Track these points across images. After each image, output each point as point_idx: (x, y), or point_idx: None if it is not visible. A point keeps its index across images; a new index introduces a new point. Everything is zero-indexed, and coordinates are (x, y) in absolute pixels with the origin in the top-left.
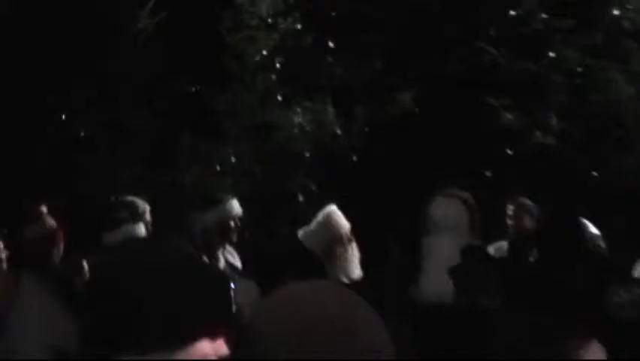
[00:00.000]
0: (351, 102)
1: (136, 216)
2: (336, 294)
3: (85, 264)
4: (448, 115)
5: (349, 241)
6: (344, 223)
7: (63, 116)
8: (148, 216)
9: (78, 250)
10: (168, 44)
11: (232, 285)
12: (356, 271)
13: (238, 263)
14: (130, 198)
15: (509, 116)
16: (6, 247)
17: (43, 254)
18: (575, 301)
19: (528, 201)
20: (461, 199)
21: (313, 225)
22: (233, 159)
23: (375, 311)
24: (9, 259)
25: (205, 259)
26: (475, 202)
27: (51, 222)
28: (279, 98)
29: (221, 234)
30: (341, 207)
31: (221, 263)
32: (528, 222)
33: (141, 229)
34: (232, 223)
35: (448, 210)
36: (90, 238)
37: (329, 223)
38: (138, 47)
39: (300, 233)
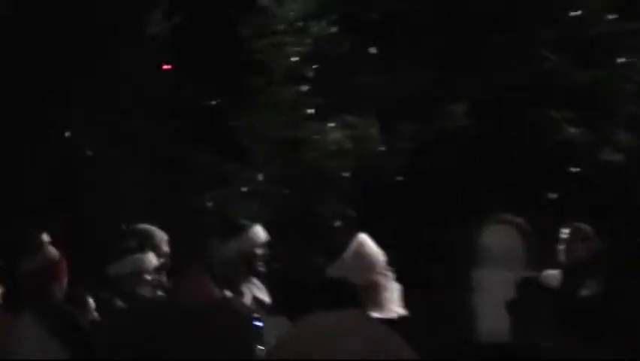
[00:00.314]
0: (396, 116)
1: (146, 245)
2: (364, 328)
3: (89, 300)
4: (505, 129)
5: (388, 271)
6: (379, 252)
7: (66, 134)
8: (165, 246)
9: (83, 281)
10: (182, 52)
11: (259, 323)
12: (400, 304)
13: (266, 297)
14: (144, 225)
15: (573, 130)
16: (1, 282)
17: (43, 289)
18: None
19: (585, 226)
20: (516, 226)
21: (347, 257)
22: (260, 178)
23: (410, 348)
24: (4, 295)
25: (228, 293)
26: (530, 228)
27: (53, 252)
28: (311, 111)
29: (246, 265)
30: (382, 235)
31: (247, 298)
32: (580, 249)
33: (151, 260)
34: (258, 253)
35: (501, 239)
36: (96, 268)
37: (365, 254)
38: (148, 54)
39: (331, 269)
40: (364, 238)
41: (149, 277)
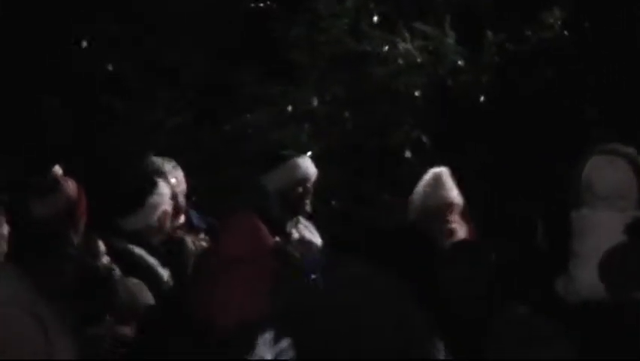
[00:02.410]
0: (478, 24)
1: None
2: None
3: (102, 247)
4: (615, 41)
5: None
6: (457, 192)
7: (84, 43)
8: (177, 173)
9: (95, 227)
10: None
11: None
12: None
13: (318, 240)
14: (150, 160)
15: None
16: (8, 221)
17: (57, 237)
18: None
19: None
20: (626, 158)
21: (420, 197)
22: (315, 102)
23: None
24: (11, 237)
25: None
26: None
27: (70, 191)
28: (375, 19)
29: (286, 204)
30: (460, 170)
31: (294, 241)
32: None
33: (165, 194)
34: (300, 190)
35: (608, 174)
36: (110, 213)
37: (443, 193)
38: None
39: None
40: (442, 172)
41: (165, 214)
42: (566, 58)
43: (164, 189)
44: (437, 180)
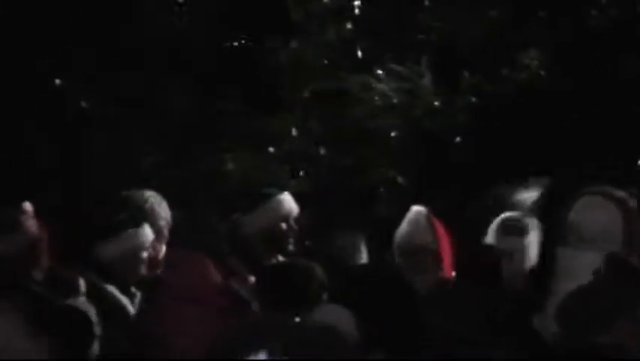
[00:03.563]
0: (456, 65)
1: (139, 215)
2: None
3: (81, 282)
4: (591, 83)
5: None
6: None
7: (57, 81)
8: (164, 212)
9: (75, 262)
10: None
11: None
12: None
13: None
14: (135, 192)
15: None
16: None
17: (19, 275)
18: None
19: None
20: (615, 200)
21: (403, 241)
22: (294, 133)
23: None
24: None
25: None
26: (634, 204)
27: (30, 228)
28: (358, 56)
29: (270, 242)
30: (436, 207)
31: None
32: None
33: (146, 234)
34: (284, 227)
35: (595, 215)
36: (89, 246)
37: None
38: None
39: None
40: (419, 213)
41: (144, 255)
42: (542, 98)
43: (147, 231)
44: (412, 221)
